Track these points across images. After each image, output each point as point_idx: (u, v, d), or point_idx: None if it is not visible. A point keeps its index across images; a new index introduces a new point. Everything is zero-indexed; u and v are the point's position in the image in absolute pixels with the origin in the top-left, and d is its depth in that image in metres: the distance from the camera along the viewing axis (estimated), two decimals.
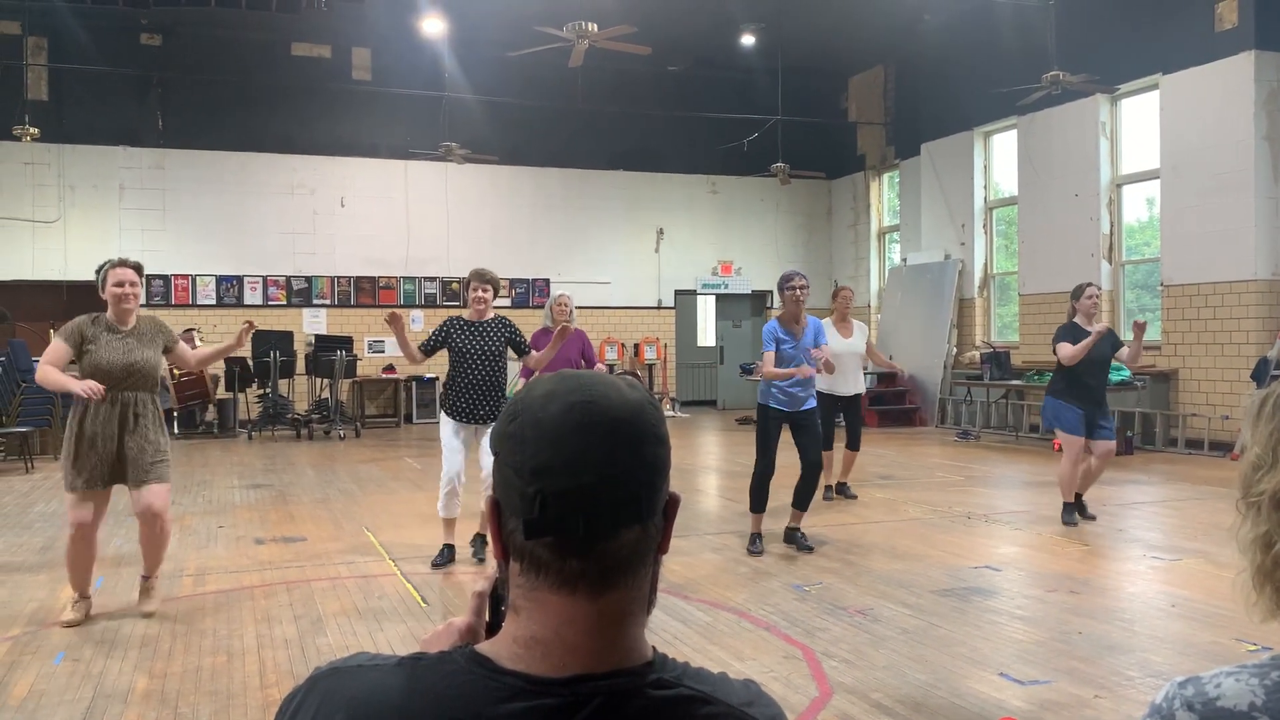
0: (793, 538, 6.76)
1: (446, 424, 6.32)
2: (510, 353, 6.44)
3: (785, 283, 6.58)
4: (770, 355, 6.62)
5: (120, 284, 5.03)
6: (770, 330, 6.66)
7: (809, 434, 6.66)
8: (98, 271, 5.19)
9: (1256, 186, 11.07)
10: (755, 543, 6.71)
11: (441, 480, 6.24)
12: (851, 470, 8.85)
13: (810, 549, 6.64)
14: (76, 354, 5.00)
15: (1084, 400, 7.38)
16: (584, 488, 0.89)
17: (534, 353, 6.55)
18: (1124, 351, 7.58)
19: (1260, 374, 10.58)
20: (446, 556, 6.36)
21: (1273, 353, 10.68)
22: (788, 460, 6.79)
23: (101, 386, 4.81)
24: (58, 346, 5.01)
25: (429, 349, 6.31)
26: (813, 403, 6.71)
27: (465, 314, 6.42)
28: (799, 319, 6.64)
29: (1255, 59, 11.03)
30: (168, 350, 5.26)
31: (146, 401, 5.12)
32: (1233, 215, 11.27)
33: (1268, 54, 11.06)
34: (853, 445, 8.66)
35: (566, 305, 7.64)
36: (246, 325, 5.38)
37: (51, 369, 4.97)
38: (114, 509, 8.21)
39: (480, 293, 6.31)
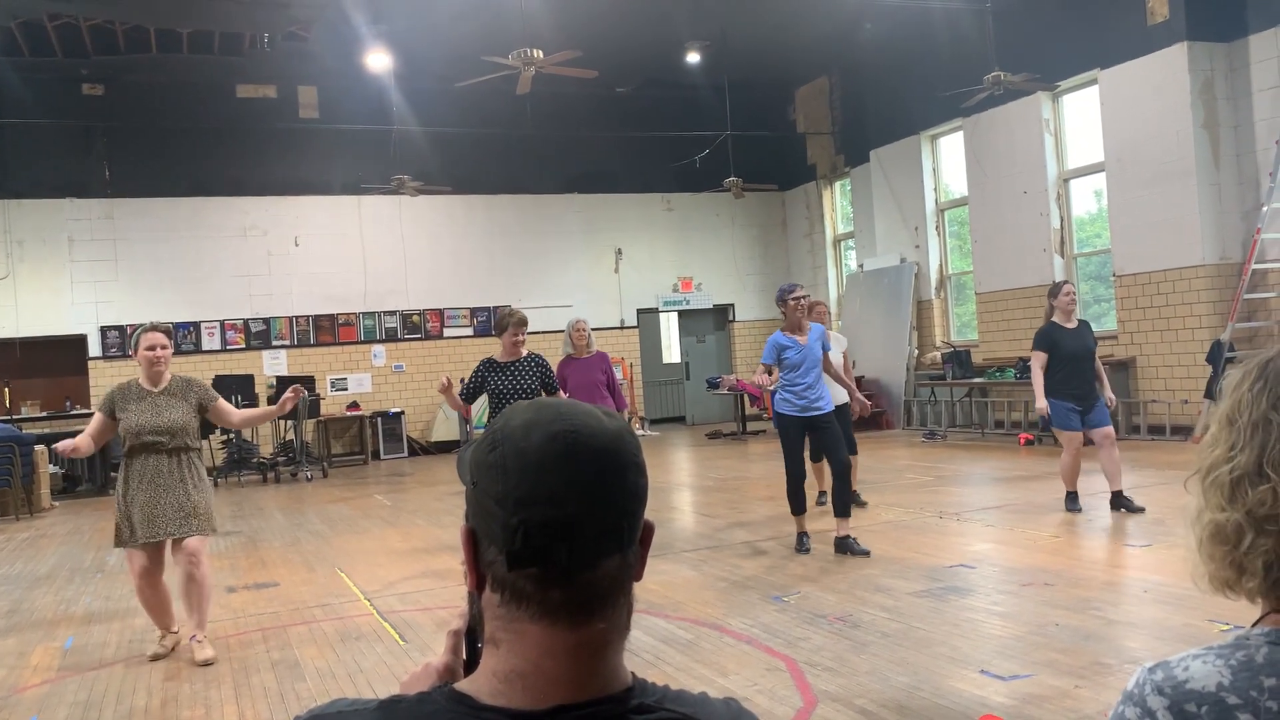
0: (844, 546, 6.72)
1: None
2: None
3: (786, 294, 6.86)
4: (764, 367, 6.95)
5: (152, 348, 5.33)
6: (773, 341, 6.88)
7: (829, 436, 6.79)
8: (129, 336, 5.43)
9: (1198, 174, 11.30)
10: (802, 541, 6.88)
11: None
12: (856, 476, 8.61)
13: (866, 553, 6.58)
14: (113, 420, 5.32)
15: (1074, 394, 7.53)
16: (567, 518, 0.89)
17: (564, 395, 6.72)
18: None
19: (1215, 357, 10.77)
20: None
21: (1225, 335, 10.88)
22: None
23: (74, 445, 5.12)
24: (95, 419, 5.41)
25: (470, 396, 6.52)
26: (829, 406, 6.82)
27: (496, 355, 6.57)
28: (801, 327, 6.85)
29: (1188, 50, 11.27)
30: (204, 408, 5.45)
31: (185, 458, 5.34)
32: (1178, 203, 11.48)
33: (1199, 44, 11.31)
34: (849, 450, 8.63)
35: (585, 330, 7.72)
36: (292, 393, 5.43)
37: (85, 435, 5.32)
38: (80, 566, 8.12)
39: (520, 337, 6.53)
